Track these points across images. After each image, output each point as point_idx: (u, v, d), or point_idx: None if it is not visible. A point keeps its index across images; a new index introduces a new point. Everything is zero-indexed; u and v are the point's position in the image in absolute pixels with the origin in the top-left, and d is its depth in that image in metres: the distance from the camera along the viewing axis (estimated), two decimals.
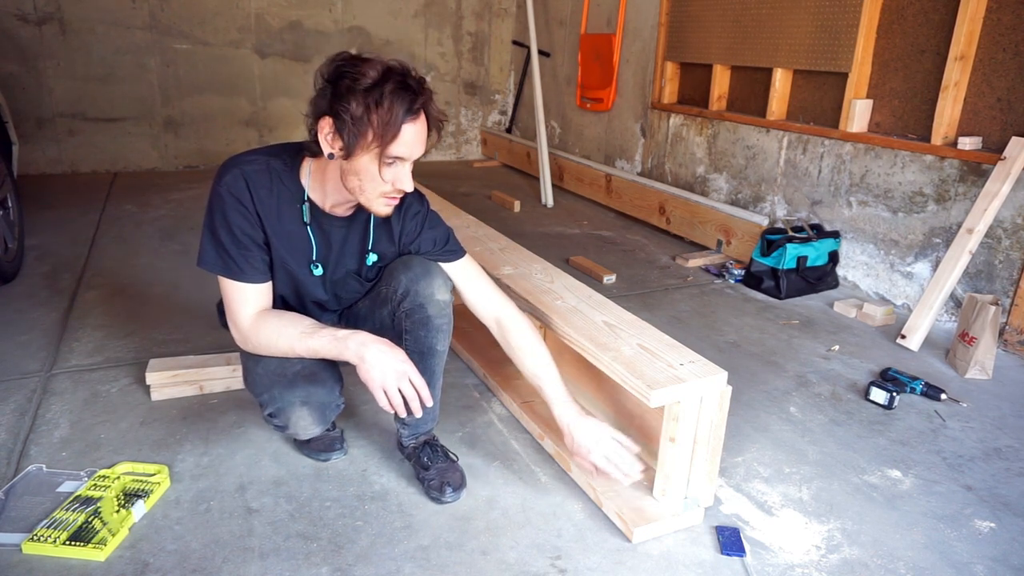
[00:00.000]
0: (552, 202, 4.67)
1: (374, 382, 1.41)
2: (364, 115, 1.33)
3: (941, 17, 2.80)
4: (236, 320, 1.50)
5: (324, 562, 1.45)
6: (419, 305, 1.60)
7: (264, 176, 1.47)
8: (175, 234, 3.64)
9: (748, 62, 3.63)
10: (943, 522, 1.67)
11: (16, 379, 2.13)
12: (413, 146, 1.39)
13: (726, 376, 1.51)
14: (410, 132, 1.37)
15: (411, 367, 1.44)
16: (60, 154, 4.81)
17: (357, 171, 1.40)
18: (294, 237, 1.53)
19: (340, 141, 1.37)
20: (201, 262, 1.49)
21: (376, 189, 1.41)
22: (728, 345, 2.61)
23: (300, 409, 1.56)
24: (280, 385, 1.55)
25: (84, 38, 4.65)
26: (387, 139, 1.34)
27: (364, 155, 1.37)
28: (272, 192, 1.48)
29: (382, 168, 1.38)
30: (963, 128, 2.79)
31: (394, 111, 1.33)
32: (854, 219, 3.19)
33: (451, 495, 1.65)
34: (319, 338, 1.44)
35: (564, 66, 5.28)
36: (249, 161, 1.48)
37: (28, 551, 1.44)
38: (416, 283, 1.59)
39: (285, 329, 1.47)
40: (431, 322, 1.61)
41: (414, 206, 1.66)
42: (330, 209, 1.54)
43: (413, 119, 1.37)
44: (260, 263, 1.50)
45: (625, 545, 1.55)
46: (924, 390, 2.24)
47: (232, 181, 1.45)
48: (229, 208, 1.45)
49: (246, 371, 1.61)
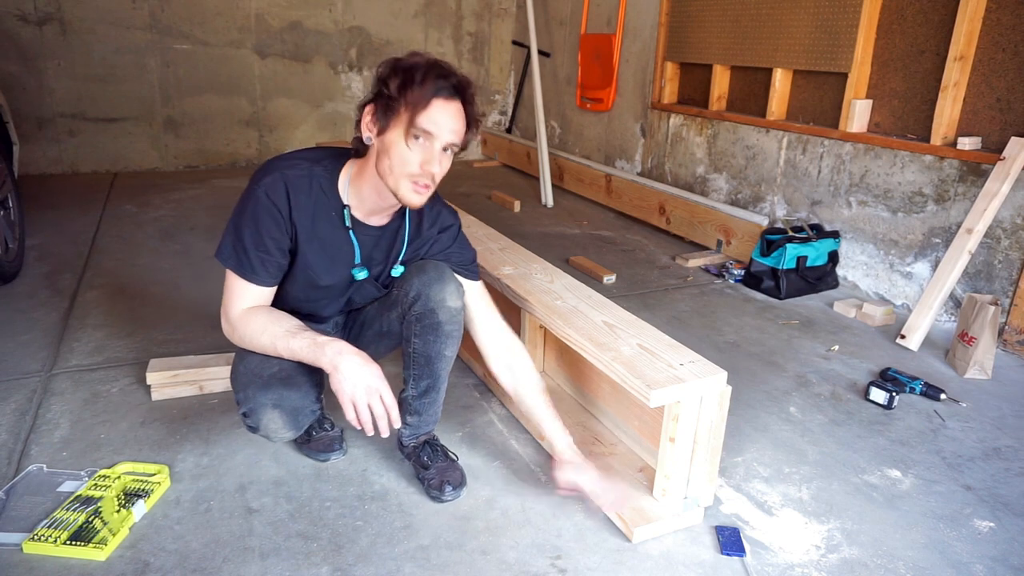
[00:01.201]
0: (552, 202, 4.67)
1: (344, 394, 1.38)
2: (399, 91, 1.37)
3: (941, 17, 2.80)
4: (227, 310, 1.50)
5: (324, 562, 1.45)
6: (430, 310, 1.58)
7: (305, 181, 1.47)
8: (175, 234, 3.64)
9: (748, 62, 3.63)
10: (943, 522, 1.67)
11: (17, 379, 2.14)
12: (442, 125, 1.39)
13: (726, 376, 1.51)
14: (440, 108, 1.38)
15: (384, 385, 1.41)
16: (60, 154, 4.82)
17: (387, 148, 1.40)
18: (331, 242, 1.53)
19: (377, 122, 1.41)
20: (218, 254, 1.50)
21: (404, 168, 1.40)
22: (728, 345, 2.61)
23: (271, 411, 1.53)
24: (255, 385, 1.52)
25: (84, 38, 4.65)
26: (417, 110, 1.36)
27: (396, 130, 1.39)
28: (311, 198, 1.48)
29: (409, 140, 1.38)
30: (963, 128, 2.79)
31: (427, 86, 1.36)
32: (854, 219, 3.19)
33: (451, 494, 1.65)
34: (299, 340, 1.43)
35: (564, 66, 5.29)
36: (292, 165, 1.48)
37: (29, 551, 1.44)
38: (428, 288, 1.58)
39: (270, 326, 1.46)
40: (441, 328, 1.60)
41: (448, 220, 1.67)
42: (365, 217, 1.55)
43: (447, 98, 1.39)
44: (275, 269, 1.50)
45: (625, 545, 1.55)
46: (924, 390, 2.24)
47: (272, 184, 1.45)
48: (262, 211, 1.44)
49: (232, 368, 1.60)
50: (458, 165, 5.93)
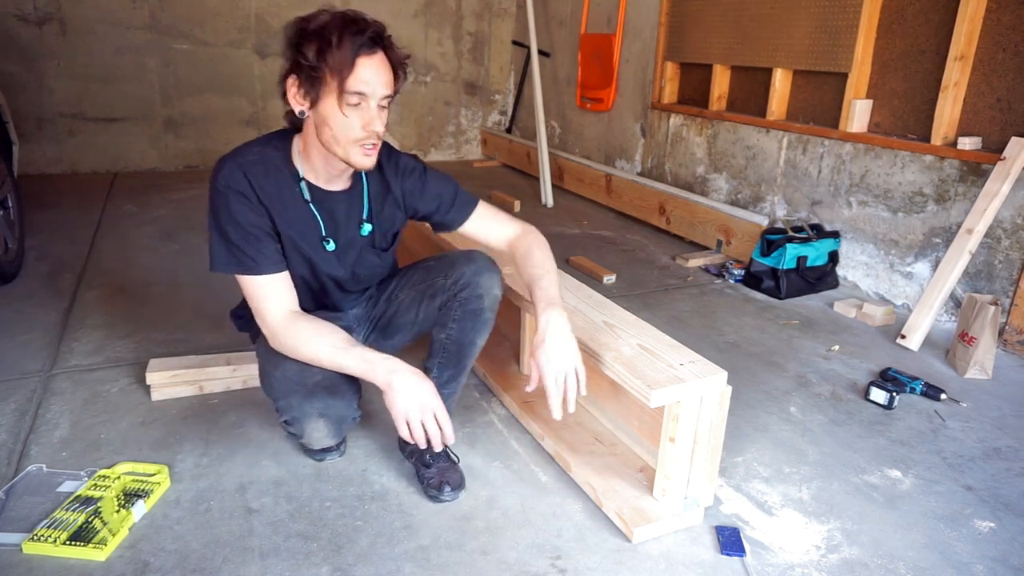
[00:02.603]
0: (552, 202, 4.67)
1: (398, 412, 1.40)
2: (318, 57, 1.34)
3: (941, 17, 2.80)
4: (264, 317, 1.48)
5: (324, 562, 1.45)
6: (477, 296, 1.63)
7: (260, 165, 1.48)
8: (175, 234, 3.64)
9: (748, 62, 3.63)
10: (943, 522, 1.67)
11: (16, 379, 2.13)
12: (373, 83, 1.37)
13: (726, 376, 1.51)
14: (366, 66, 1.35)
15: (438, 402, 1.42)
16: (60, 154, 4.82)
17: (326, 119, 1.39)
18: (300, 219, 1.53)
19: (306, 94, 1.38)
20: (214, 266, 1.47)
21: (348, 135, 1.39)
22: (728, 345, 2.61)
23: (317, 421, 1.54)
24: (299, 394, 1.52)
25: (84, 38, 4.65)
26: (344, 75, 1.34)
27: (327, 99, 1.37)
28: (270, 179, 1.48)
29: (344, 107, 1.36)
30: (963, 128, 2.79)
31: (345, 46, 1.33)
32: (854, 219, 3.19)
33: (449, 494, 1.65)
34: (348, 357, 1.42)
35: (564, 66, 5.28)
36: (242, 153, 1.48)
37: (28, 551, 1.44)
38: (479, 276, 1.63)
39: (315, 338, 1.44)
40: (482, 314, 1.64)
41: (409, 164, 1.67)
42: (326, 184, 1.55)
43: (368, 53, 1.36)
44: (273, 252, 1.49)
45: (625, 545, 1.55)
46: (924, 390, 2.24)
47: (230, 175, 1.45)
48: (233, 203, 1.44)
49: (263, 373, 1.58)
50: (458, 165, 5.95)
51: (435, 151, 6.10)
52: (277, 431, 1.90)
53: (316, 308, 1.69)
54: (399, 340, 1.84)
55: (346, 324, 1.77)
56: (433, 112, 5.95)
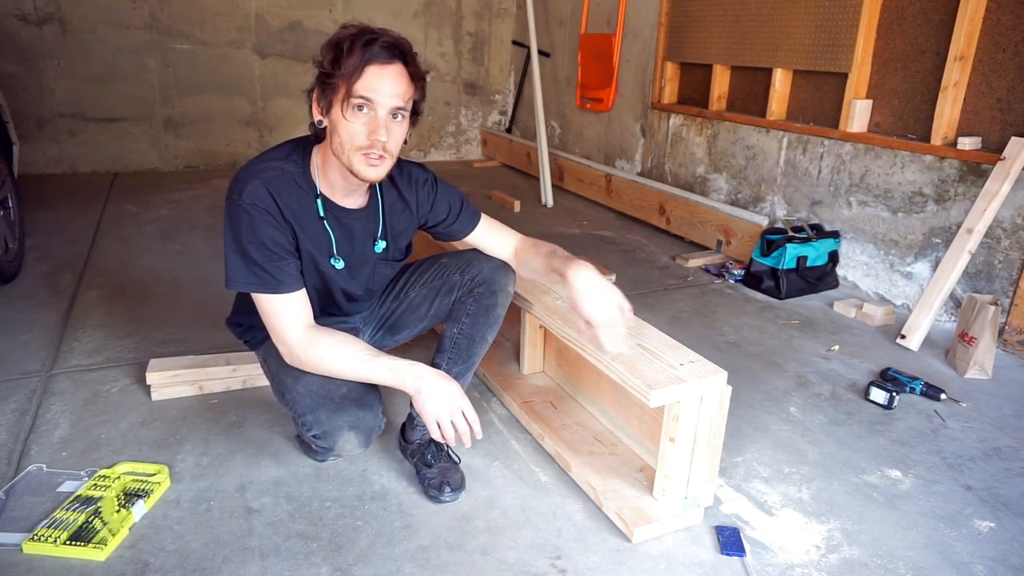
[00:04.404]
0: (552, 202, 4.67)
1: (429, 415, 1.43)
2: (332, 65, 1.36)
3: (941, 17, 2.80)
4: (282, 335, 1.47)
5: (324, 562, 1.45)
6: (492, 292, 1.68)
7: (282, 181, 1.46)
8: (175, 234, 3.64)
9: (748, 62, 3.63)
10: (943, 522, 1.67)
11: (16, 379, 2.14)
12: (380, 91, 1.36)
13: (726, 376, 1.51)
14: (375, 74, 1.36)
15: (466, 401, 1.46)
16: (60, 154, 4.82)
17: (335, 126, 1.40)
18: (316, 234, 1.53)
19: (322, 103, 1.40)
20: (231, 283, 1.46)
21: (352, 142, 1.39)
22: (728, 345, 2.61)
23: (348, 433, 1.53)
24: (327, 408, 1.51)
25: (84, 38, 4.65)
26: (352, 80, 1.35)
27: (336, 105, 1.38)
28: (293, 195, 1.48)
29: (349, 111, 1.36)
30: (963, 128, 2.79)
31: (355, 54, 1.34)
32: (854, 219, 3.19)
33: (449, 495, 1.65)
34: (374, 368, 1.44)
35: (564, 66, 5.28)
36: (264, 169, 1.46)
37: (28, 551, 1.44)
38: (496, 272, 1.70)
39: (336, 351, 1.45)
40: (494, 311, 1.69)
41: (421, 175, 1.69)
42: (343, 199, 1.55)
43: (381, 63, 1.36)
44: (294, 270, 1.48)
45: (625, 545, 1.55)
46: (924, 390, 2.24)
47: (255, 192, 1.42)
48: (258, 222, 1.42)
49: (283, 387, 1.57)
50: (458, 165, 5.95)
51: (435, 151, 6.10)
52: (277, 431, 1.90)
53: (323, 315, 1.69)
54: (404, 336, 1.85)
55: (352, 326, 1.78)
56: (433, 112, 5.95)
